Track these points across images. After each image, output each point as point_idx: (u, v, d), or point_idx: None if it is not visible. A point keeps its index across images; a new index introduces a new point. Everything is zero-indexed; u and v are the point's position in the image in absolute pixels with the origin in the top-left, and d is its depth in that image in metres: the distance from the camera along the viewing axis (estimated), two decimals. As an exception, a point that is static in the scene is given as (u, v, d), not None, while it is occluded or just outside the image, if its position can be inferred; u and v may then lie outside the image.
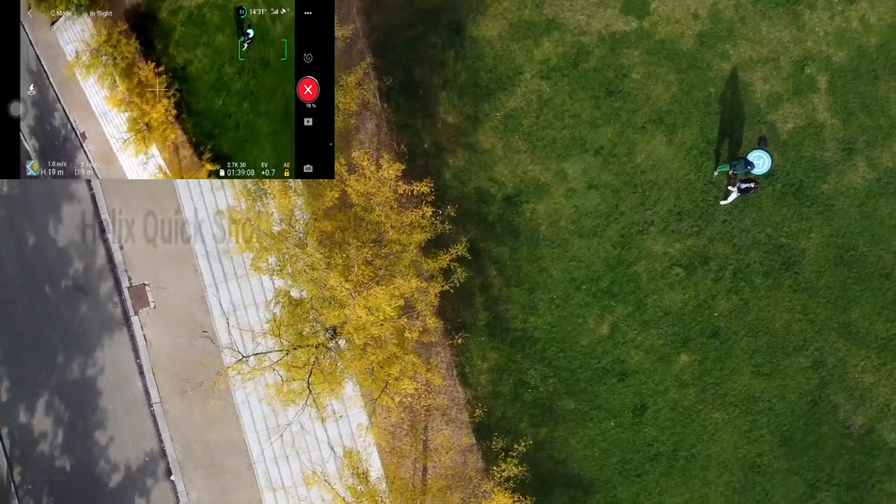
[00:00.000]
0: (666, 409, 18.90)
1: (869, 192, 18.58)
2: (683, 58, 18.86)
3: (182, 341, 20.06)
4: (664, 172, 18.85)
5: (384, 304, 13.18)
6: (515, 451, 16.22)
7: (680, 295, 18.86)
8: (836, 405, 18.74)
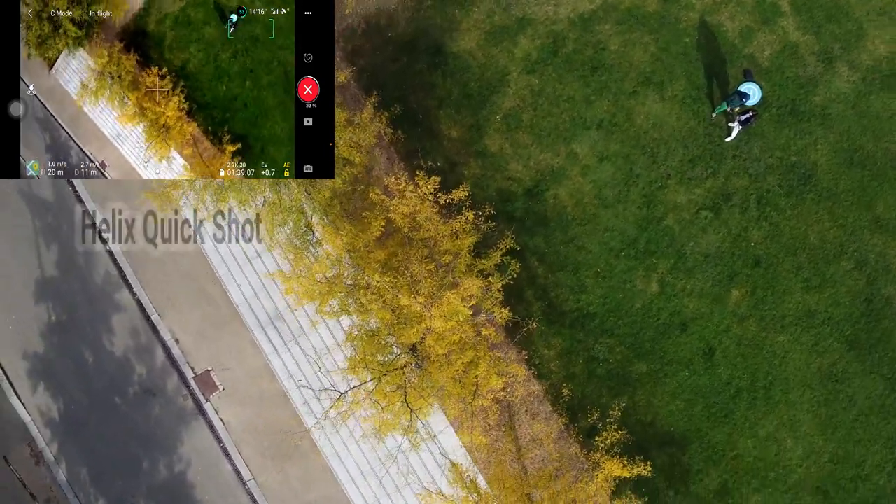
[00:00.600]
0: (732, 346, 19.46)
1: (858, 92, 19.53)
2: (652, 18, 19.90)
3: (258, 414, 20.50)
4: (666, 127, 19.74)
5: (458, 307, 13.80)
6: (611, 417, 16.70)
7: (714, 236, 19.59)
8: (890, 297, 19.39)
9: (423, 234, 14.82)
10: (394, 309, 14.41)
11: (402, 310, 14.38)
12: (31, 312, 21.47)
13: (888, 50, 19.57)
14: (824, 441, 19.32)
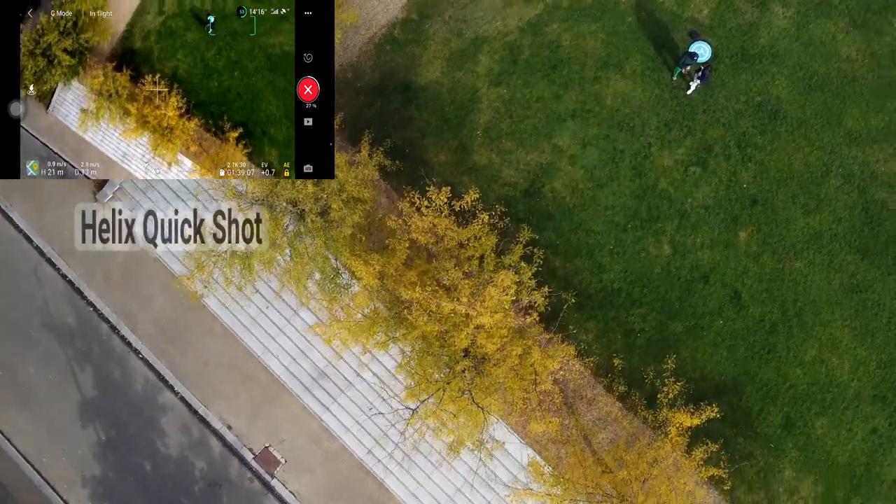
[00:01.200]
0: (755, 284, 20.22)
1: (797, 25, 20.95)
2: (593, 9, 21.31)
3: (326, 475, 20.64)
4: (635, 101, 20.91)
5: (500, 297, 14.45)
6: (667, 371, 17.20)
7: (707, 188, 20.57)
8: (884, 200, 20.40)
9: (448, 243, 15.50)
10: (440, 319, 14.97)
11: (447, 318, 14.94)
12: (79, 438, 21.57)
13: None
14: (867, 350, 19.93)
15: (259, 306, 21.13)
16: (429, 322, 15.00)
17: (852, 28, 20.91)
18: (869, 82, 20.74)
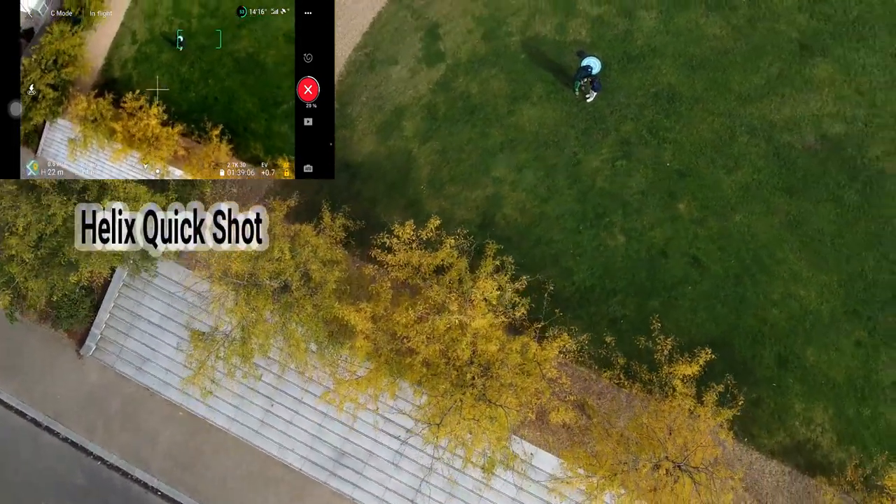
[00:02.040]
0: (708, 245, 21.88)
1: (665, 21, 23.82)
2: (488, 57, 23.81)
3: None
4: (550, 122, 23.10)
5: (488, 296, 15.59)
6: (654, 330, 18.28)
7: (638, 175, 22.54)
8: (790, 143, 22.67)
9: (425, 272, 16.69)
10: (437, 338, 15.91)
11: (444, 335, 15.90)
12: None
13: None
14: (825, 275, 21.57)
15: (263, 406, 21.56)
16: (428, 344, 15.91)
17: (710, 11, 23.89)
18: (739, 50, 23.52)
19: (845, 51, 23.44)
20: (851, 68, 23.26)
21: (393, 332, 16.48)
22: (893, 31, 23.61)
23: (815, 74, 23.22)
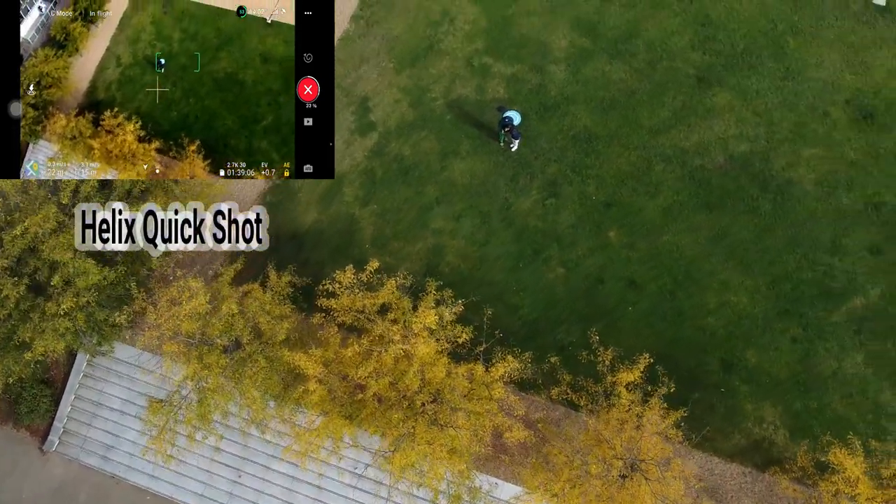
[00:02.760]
0: (641, 267, 23.20)
1: (573, 72, 25.96)
2: (417, 122, 25.60)
3: None
4: (480, 173, 24.70)
5: (429, 324, 16.49)
6: (593, 343, 19.17)
7: (567, 211, 24.03)
8: (702, 165, 24.48)
9: (370, 313, 17.60)
10: (386, 372, 16.65)
11: (393, 369, 16.66)
12: None
13: (566, 41, 26.50)
14: (753, 280, 22.92)
15: (230, 478, 21.65)
16: (378, 378, 16.61)
17: (612, 59, 26.17)
18: (644, 90, 25.65)
19: (738, 79, 25.72)
20: (747, 93, 25.47)
21: (344, 373, 17.16)
22: (778, 57, 26.06)
23: (715, 103, 25.35)
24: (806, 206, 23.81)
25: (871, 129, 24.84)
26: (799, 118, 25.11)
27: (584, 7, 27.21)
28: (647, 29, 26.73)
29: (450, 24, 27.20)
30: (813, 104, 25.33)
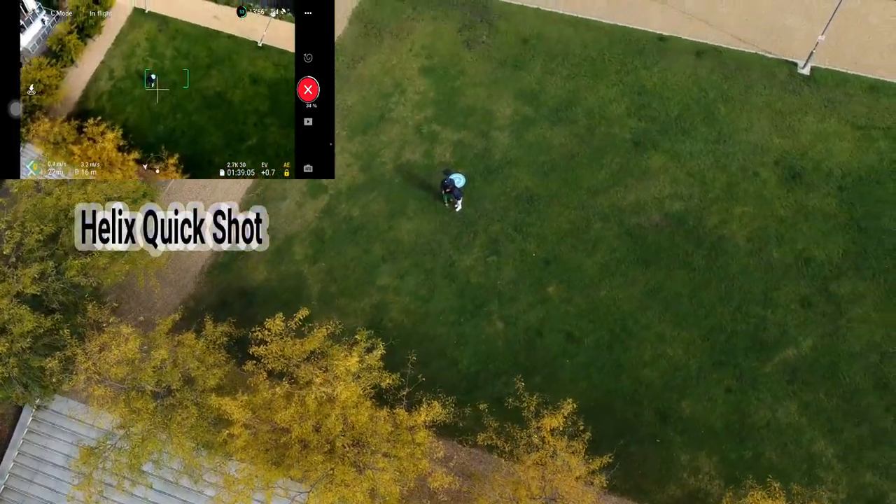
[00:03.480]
0: (579, 321, 23.84)
1: (516, 138, 27.37)
2: (367, 185, 26.79)
3: None
4: (426, 232, 25.69)
5: (351, 367, 17.03)
6: (519, 390, 19.57)
7: (508, 267, 24.88)
8: (639, 223, 25.50)
9: (297, 360, 18.16)
10: (310, 416, 17.06)
11: (317, 412, 17.09)
12: None
13: (510, 110, 28.07)
14: (687, 332, 23.53)
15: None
16: (302, 422, 17.01)
17: (553, 126, 27.64)
18: (583, 153, 26.99)
19: (673, 143, 27.09)
20: (680, 156, 26.79)
21: (271, 420, 17.55)
22: (709, 122, 27.54)
23: (650, 165, 26.63)
24: (738, 261, 24.65)
25: (800, 188, 25.99)
26: (730, 178, 26.31)
27: (527, 79, 28.94)
28: (586, 97, 28.34)
29: (401, 95, 28.84)
30: (744, 165, 26.59)
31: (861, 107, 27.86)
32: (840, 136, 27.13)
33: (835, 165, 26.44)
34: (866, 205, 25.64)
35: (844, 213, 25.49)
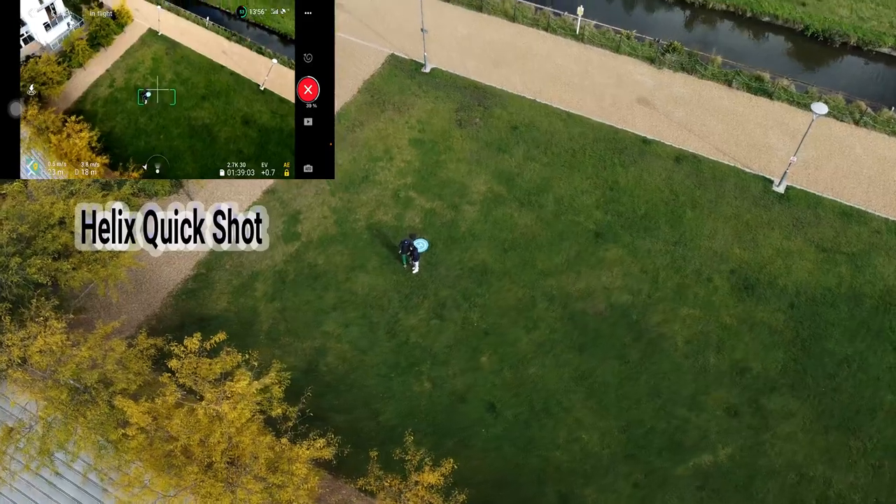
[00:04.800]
0: (503, 393, 24.43)
1: (484, 214, 28.84)
2: (338, 237, 28.62)
3: None
4: (380, 288, 27.11)
5: (240, 389, 18.30)
6: (406, 443, 20.24)
7: (448, 332, 25.88)
8: (582, 309, 26.23)
9: (209, 378, 19.59)
10: (199, 429, 18.32)
11: (206, 427, 18.34)
12: None
13: (485, 187, 29.69)
14: (606, 422, 23.75)
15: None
16: (190, 434, 18.27)
17: (521, 207, 29.00)
18: (545, 237, 28.13)
19: (633, 238, 27.94)
20: (638, 252, 27.56)
21: (165, 427, 18.89)
22: (673, 225, 28.32)
23: (607, 256, 27.49)
24: (672, 361, 24.89)
25: (750, 299, 26.23)
26: (683, 280, 26.83)
27: (508, 161, 30.63)
28: (560, 185, 29.70)
29: (388, 161, 30.95)
30: (699, 269, 27.10)
31: (830, 230, 28.13)
32: (802, 254, 27.39)
33: (791, 283, 26.63)
34: (815, 325, 25.60)
35: (791, 330, 25.51)
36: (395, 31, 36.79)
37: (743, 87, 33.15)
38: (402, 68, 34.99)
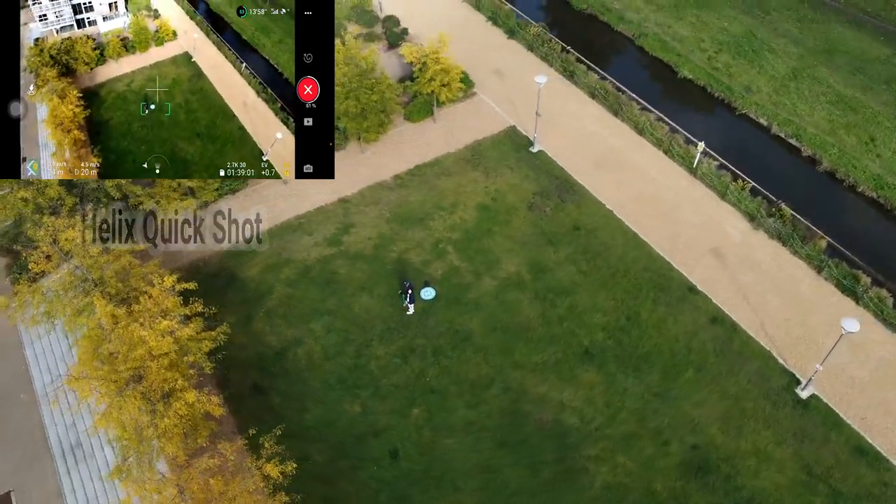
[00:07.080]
0: (411, 447, 25.67)
1: (497, 291, 30.09)
2: (368, 258, 31.67)
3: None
4: (373, 312, 29.66)
5: (168, 307, 21.97)
6: (273, 435, 22.48)
7: (402, 374, 27.66)
8: (528, 412, 26.50)
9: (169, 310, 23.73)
10: (130, 344, 22.40)
11: (135, 345, 22.40)
12: None
13: (514, 269, 30.88)
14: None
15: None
16: (121, 342, 22.46)
17: (534, 300, 29.78)
18: (538, 333, 28.69)
19: (618, 371, 27.52)
20: (613, 385, 27.12)
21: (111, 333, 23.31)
22: (666, 376, 27.37)
23: (582, 376, 27.41)
24: (581, 497, 24.29)
25: (694, 482, 24.70)
26: (638, 430, 25.92)
27: (550, 256, 31.56)
28: (581, 296, 30.00)
29: (448, 214, 33.44)
30: (662, 428, 25.99)
31: (831, 458, 25.33)
32: (782, 467, 25.02)
33: (750, 487, 24.50)
34: (748, 538, 23.37)
35: (718, 530, 23.54)
36: (530, 109, 38.83)
37: (833, 280, 30.47)
38: (514, 141, 37.21)
